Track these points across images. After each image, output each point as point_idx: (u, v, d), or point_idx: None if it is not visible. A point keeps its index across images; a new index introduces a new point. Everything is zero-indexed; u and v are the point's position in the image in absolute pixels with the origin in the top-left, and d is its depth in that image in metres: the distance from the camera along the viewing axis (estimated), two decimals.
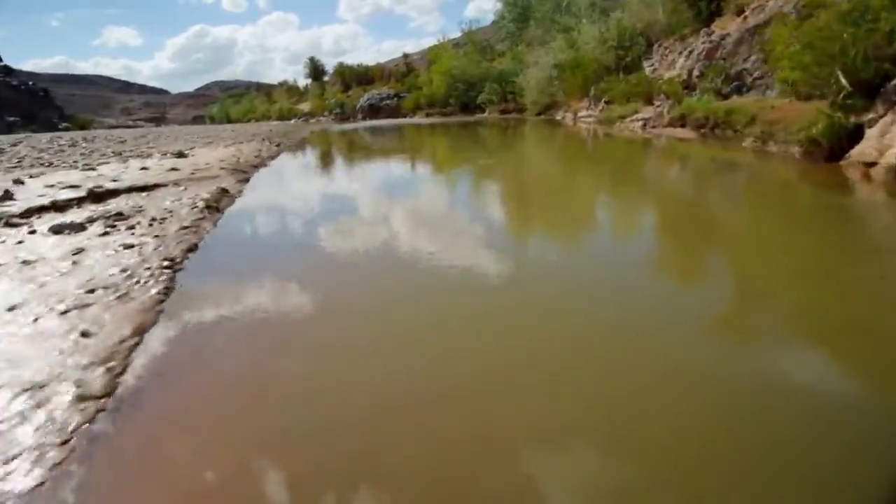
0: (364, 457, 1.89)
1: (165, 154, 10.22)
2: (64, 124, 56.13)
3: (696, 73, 15.37)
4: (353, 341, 2.85)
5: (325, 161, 13.85)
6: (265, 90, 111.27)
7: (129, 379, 2.37)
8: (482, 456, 1.85)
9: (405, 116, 49.32)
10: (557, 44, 29.33)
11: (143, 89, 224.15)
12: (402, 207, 6.80)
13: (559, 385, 2.27)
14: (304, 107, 79.40)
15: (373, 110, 53.78)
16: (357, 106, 56.49)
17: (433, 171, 11.52)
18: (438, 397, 2.25)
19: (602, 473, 1.78)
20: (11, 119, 46.23)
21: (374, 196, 7.94)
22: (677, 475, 1.71)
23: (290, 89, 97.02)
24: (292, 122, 66.44)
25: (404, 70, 68.29)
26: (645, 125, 14.94)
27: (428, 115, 46.16)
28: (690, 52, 16.33)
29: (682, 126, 13.26)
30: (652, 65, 22.52)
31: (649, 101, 17.68)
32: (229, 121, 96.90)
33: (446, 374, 2.43)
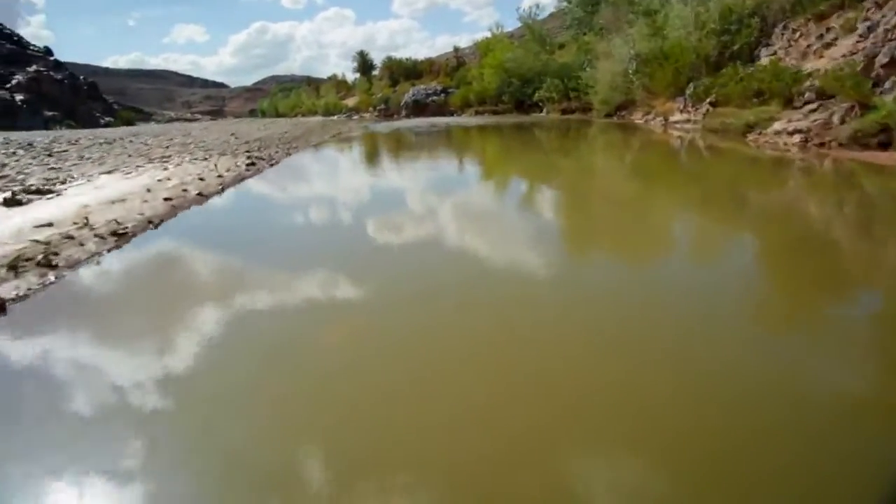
0: None
1: (23, 193, 6.13)
2: (106, 119, 55.29)
3: (882, 59, 10.02)
4: None
5: (281, 214, 6.89)
6: (315, 84, 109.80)
7: None
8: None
9: (452, 114, 44.78)
10: (638, 30, 23.96)
11: (204, 83, 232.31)
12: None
13: None
14: (351, 101, 76.70)
15: (418, 107, 49.53)
16: (401, 102, 52.40)
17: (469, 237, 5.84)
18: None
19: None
20: (50, 114, 45.31)
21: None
22: None
23: (338, 84, 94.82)
24: (335, 117, 63.60)
25: (454, 64, 63.76)
26: (806, 140, 9.73)
27: (477, 112, 41.45)
28: (870, 29, 10.94)
29: (885, 145, 8.08)
30: (773, 53, 17.00)
31: (789, 103, 12.39)
32: (278, 114, 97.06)
33: None
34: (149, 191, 6.53)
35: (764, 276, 4.17)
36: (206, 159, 10.76)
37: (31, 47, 58.14)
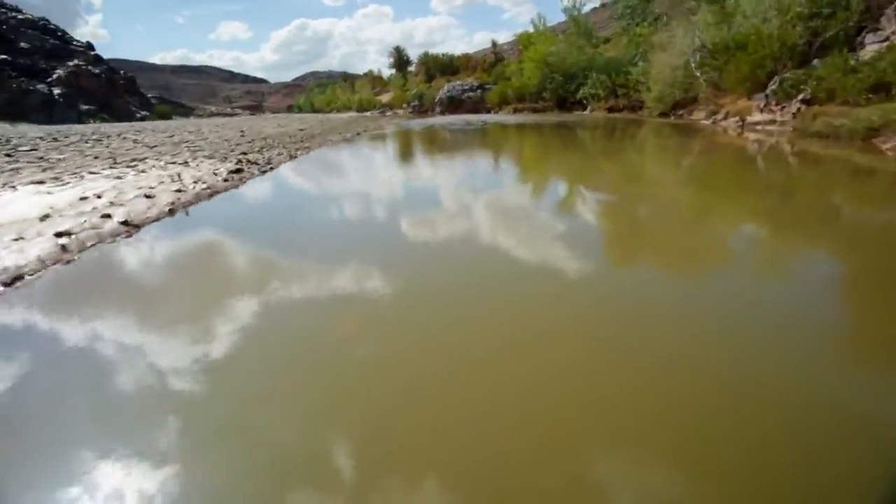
0: None
1: None
2: (142, 113, 55.49)
3: None
4: None
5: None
6: (351, 80, 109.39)
7: None
8: None
9: (489, 111, 42.37)
10: (702, 17, 21.00)
11: (245, 79, 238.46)
12: None
13: None
14: (386, 98, 75.32)
15: (453, 103, 47.30)
16: (436, 98, 50.24)
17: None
18: None
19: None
20: (85, 108, 45.40)
21: None
22: None
23: (373, 79, 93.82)
24: (367, 113, 62.22)
25: (492, 60, 61.22)
26: None
27: (515, 110, 38.90)
28: None
29: None
30: (885, 39, 13.95)
31: None
32: (313, 109, 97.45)
33: None
34: (45, 218, 4.54)
35: None
36: (186, 163, 8.85)
37: (74, 42, 58.91)
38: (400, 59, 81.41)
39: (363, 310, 3.16)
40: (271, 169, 9.29)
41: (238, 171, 8.30)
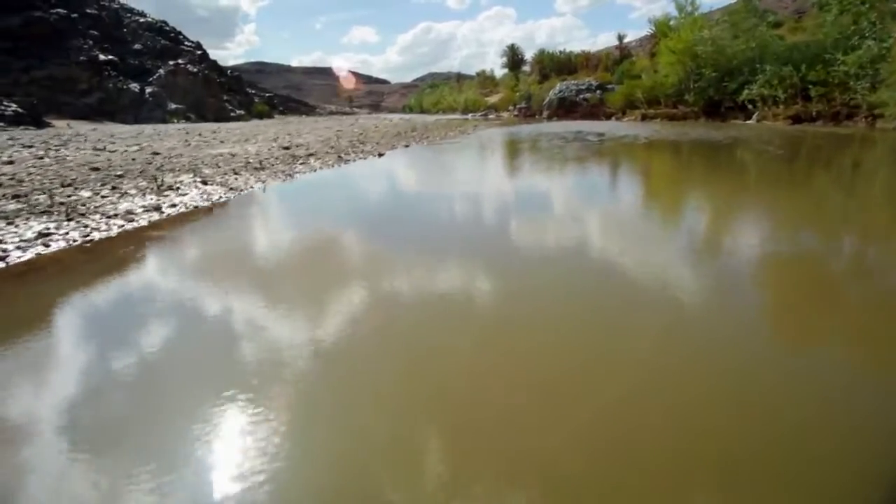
0: None
1: None
2: (238, 112, 54.03)
3: None
4: None
5: None
6: (462, 80, 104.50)
7: None
8: None
9: (609, 117, 33.42)
10: None
11: (368, 80, 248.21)
12: None
13: None
14: (494, 98, 68.45)
15: (564, 106, 38.80)
16: (544, 100, 41.94)
17: None
18: None
19: None
20: (173, 107, 44.13)
21: None
22: None
23: (484, 79, 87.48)
24: (469, 116, 55.83)
25: (616, 57, 51.31)
26: None
27: (644, 116, 29.69)
28: None
29: None
30: None
31: None
32: (422, 110, 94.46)
33: None
34: None
35: None
36: None
37: (185, 43, 59.68)
38: (513, 58, 73.67)
39: None
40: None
41: None
